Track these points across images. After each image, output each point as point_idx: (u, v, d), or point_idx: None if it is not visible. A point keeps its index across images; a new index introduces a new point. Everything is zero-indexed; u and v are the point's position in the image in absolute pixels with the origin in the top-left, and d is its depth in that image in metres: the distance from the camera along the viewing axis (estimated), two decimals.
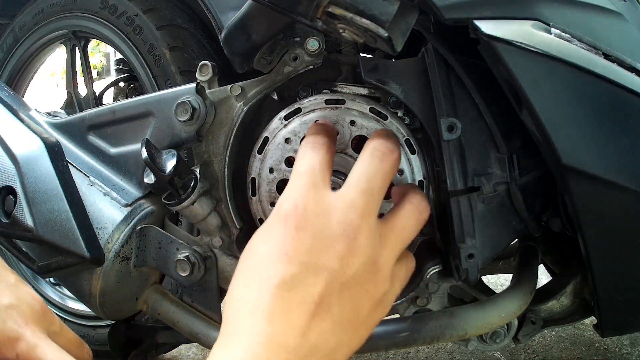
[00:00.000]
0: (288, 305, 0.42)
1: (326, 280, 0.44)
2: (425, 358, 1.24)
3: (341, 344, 0.44)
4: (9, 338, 0.53)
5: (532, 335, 0.77)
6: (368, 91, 0.70)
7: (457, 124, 0.60)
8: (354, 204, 0.47)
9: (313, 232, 0.45)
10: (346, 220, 0.46)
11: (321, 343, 0.43)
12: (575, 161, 0.54)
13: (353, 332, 0.45)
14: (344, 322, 0.44)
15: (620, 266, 0.62)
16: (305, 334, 0.42)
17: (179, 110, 0.69)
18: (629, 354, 1.24)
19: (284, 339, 0.41)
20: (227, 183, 0.72)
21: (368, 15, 0.47)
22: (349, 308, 0.45)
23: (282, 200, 0.48)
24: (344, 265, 0.45)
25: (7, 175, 0.71)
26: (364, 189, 0.48)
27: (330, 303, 0.44)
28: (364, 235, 0.46)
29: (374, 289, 0.47)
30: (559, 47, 0.53)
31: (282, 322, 0.42)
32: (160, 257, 0.75)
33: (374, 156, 0.50)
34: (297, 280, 0.43)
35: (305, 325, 0.42)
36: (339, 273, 0.44)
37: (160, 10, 1.08)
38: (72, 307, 1.26)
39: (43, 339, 0.54)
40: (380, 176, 0.50)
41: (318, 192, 0.48)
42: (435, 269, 0.71)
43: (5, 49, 1.33)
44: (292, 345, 0.41)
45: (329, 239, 0.45)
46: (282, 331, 0.42)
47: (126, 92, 1.63)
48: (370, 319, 0.47)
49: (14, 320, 0.54)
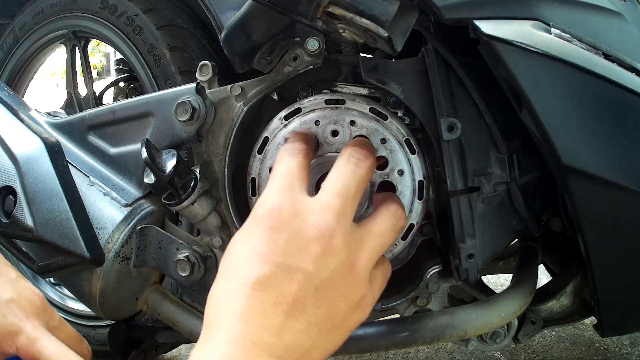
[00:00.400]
0: (262, 306, 0.43)
1: (300, 281, 0.44)
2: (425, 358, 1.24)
3: (316, 345, 0.45)
4: (10, 332, 0.54)
5: (532, 335, 0.77)
6: (368, 91, 0.70)
7: (457, 124, 0.60)
8: (329, 206, 0.47)
9: (288, 234, 0.46)
10: (321, 222, 0.46)
11: (296, 343, 0.43)
12: (575, 161, 0.54)
13: (328, 334, 0.46)
14: (319, 323, 0.45)
15: (620, 266, 0.62)
16: (279, 334, 0.43)
17: (179, 110, 0.69)
18: (629, 354, 1.24)
19: (258, 339, 0.42)
20: (227, 183, 0.72)
21: (368, 15, 0.47)
22: (324, 310, 0.45)
23: (258, 203, 0.49)
24: (319, 267, 0.45)
25: (7, 175, 0.71)
26: (340, 192, 0.49)
27: (305, 304, 0.44)
28: (339, 237, 0.46)
29: (350, 292, 0.47)
30: (559, 47, 0.53)
31: (256, 322, 0.43)
32: (160, 257, 0.75)
33: (350, 162, 0.51)
34: (271, 280, 0.44)
35: (279, 325, 0.43)
36: (314, 275, 0.45)
37: (160, 10, 1.08)
38: (72, 307, 1.26)
39: (43, 333, 0.55)
40: (356, 181, 0.50)
41: (294, 195, 0.49)
42: (435, 269, 0.71)
43: (5, 49, 1.34)
44: (267, 345, 0.42)
45: (303, 241, 0.46)
46: (256, 331, 0.42)
47: (126, 92, 1.63)
48: (346, 322, 0.47)
49: (14, 314, 0.55)
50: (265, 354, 0.41)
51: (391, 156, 0.65)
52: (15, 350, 0.54)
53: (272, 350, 0.42)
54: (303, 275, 0.44)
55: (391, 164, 0.65)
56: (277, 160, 0.54)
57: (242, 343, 0.41)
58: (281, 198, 0.48)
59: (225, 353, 0.41)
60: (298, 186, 0.50)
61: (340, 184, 0.50)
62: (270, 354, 0.42)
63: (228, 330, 0.42)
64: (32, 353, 0.54)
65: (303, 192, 0.50)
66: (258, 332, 0.42)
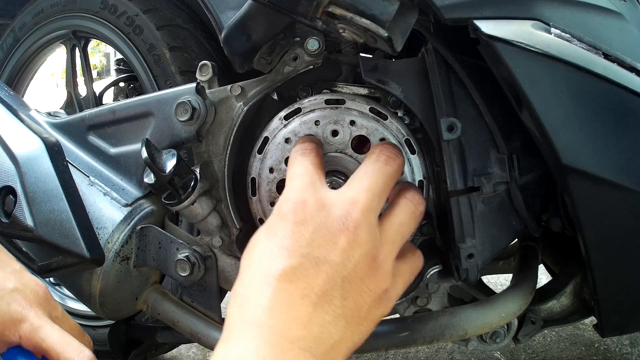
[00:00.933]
0: (290, 298, 0.43)
1: (327, 272, 0.44)
2: (425, 358, 1.24)
3: (344, 338, 0.44)
4: (13, 319, 0.54)
5: (532, 335, 0.77)
6: (368, 91, 0.70)
7: (457, 124, 0.60)
8: (355, 200, 0.48)
9: (314, 226, 0.46)
10: (347, 216, 0.47)
11: (324, 335, 0.43)
12: (575, 161, 0.54)
13: (356, 326, 0.46)
14: (346, 315, 0.45)
15: (620, 266, 0.62)
16: (308, 326, 0.42)
17: (179, 110, 0.69)
18: (629, 354, 1.24)
19: (286, 331, 0.41)
20: (227, 183, 0.72)
21: (368, 15, 0.47)
22: (350, 302, 0.45)
23: (281, 201, 0.49)
24: (345, 259, 0.45)
25: (7, 175, 0.71)
26: (367, 188, 0.49)
27: (332, 295, 0.44)
28: (364, 230, 0.47)
29: (375, 285, 0.47)
30: (559, 47, 0.53)
31: (284, 314, 0.42)
32: (160, 257, 0.75)
33: (379, 160, 0.52)
34: (299, 272, 0.44)
35: (307, 317, 0.42)
36: (340, 266, 0.45)
37: (160, 10, 1.08)
38: (72, 307, 1.26)
39: (46, 321, 0.56)
40: (384, 178, 0.51)
41: (317, 190, 0.49)
42: (435, 269, 0.71)
43: (5, 49, 1.34)
44: (296, 338, 0.41)
45: (330, 233, 0.46)
46: (284, 323, 0.42)
47: (126, 92, 1.63)
48: (371, 315, 0.47)
49: (18, 303, 0.55)
50: (295, 347, 0.41)
51: None
52: (18, 339, 0.55)
53: (302, 342, 0.41)
54: (330, 267, 0.44)
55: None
56: (290, 162, 0.54)
57: (271, 337, 0.41)
58: (304, 193, 0.48)
59: (255, 348, 0.40)
60: (319, 182, 0.50)
61: (367, 180, 0.50)
62: (300, 347, 0.41)
63: (255, 325, 0.42)
64: (35, 340, 0.54)
65: (325, 187, 0.50)
66: (286, 325, 0.42)
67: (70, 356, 0.54)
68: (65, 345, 0.54)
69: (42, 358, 0.55)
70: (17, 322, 0.54)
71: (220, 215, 0.73)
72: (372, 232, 0.47)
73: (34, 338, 0.54)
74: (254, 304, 0.43)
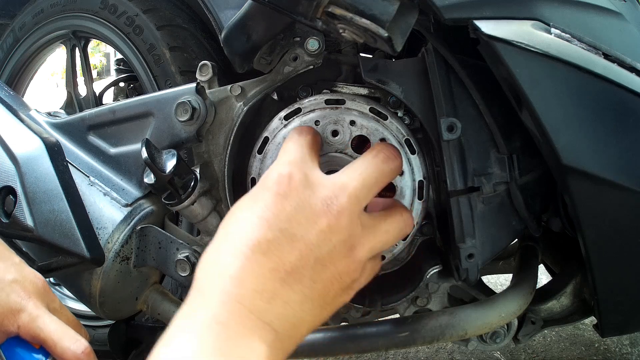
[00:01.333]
0: (259, 270, 0.42)
1: (301, 251, 0.44)
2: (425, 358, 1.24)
3: (307, 319, 0.44)
4: (12, 310, 0.55)
5: (532, 335, 0.77)
6: (368, 91, 0.70)
7: (457, 124, 0.60)
8: (344, 186, 0.47)
9: (297, 202, 0.45)
10: (332, 199, 0.46)
11: (288, 312, 0.43)
12: (575, 161, 0.54)
13: (319, 309, 0.45)
14: (313, 297, 0.44)
15: (620, 266, 0.62)
16: (271, 300, 0.42)
17: (179, 110, 0.69)
18: (629, 354, 1.24)
19: (249, 302, 0.41)
20: (227, 183, 0.72)
21: (368, 15, 0.47)
22: (320, 285, 0.45)
23: (268, 171, 0.49)
24: (322, 241, 0.45)
25: (7, 175, 0.71)
26: (358, 178, 0.48)
27: (302, 275, 0.44)
28: (346, 217, 0.46)
29: (346, 274, 0.47)
30: (559, 47, 0.53)
31: (250, 285, 0.42)
32: (160, 257, 0.75)
33: (377, 156, 0.52)
34: (273, 245, 0.43)
35: (273, 291, 0.42)
36: (316, 247, 0.45)
37: (160, 10, 1.08)
38: (72, 307, 1.26)
39: (44, 312, 0.56)
40: (378, 174, 0.50)
41: (307, 167, 0.48)
42: (435, 269, 0.71)
43: (5, 49, 1.34)
44: (257, 309, 0.41)
45: (311, 212, 0.45)
46: (249, 294, 0.41)
47: (126, 92, 1.63)
48: (335, 302, 0.47)
49: (17, 294, 0.56)
50: (255, 317, 0.41)
51: None
52: (16, 329, 0.55)
53: (263, 314, 0.41)
54: (305, 246, 0.44)
55: None
56: (286, 139, 0.53)
57: (233, 305, 0.41)
58: (292, 168, 0.47)
59: (215, 315, 0.40)
60: (310, 160, 0.50)
61: (360, 171, 0.49)
62: (260, 318, 0.41)
63: (220, 292, 0.41)
64: (33, 330, 0.55)
65: (315, 167, 0.49)
66: (251, 296, 0.41)
67: (67, 345, 0.54)
68: (62, 334, 0.55)
69: (40, 348, 0.56)
70: (16, 313, 0.55)
71: (220, 216, 0.73)
72: (354, 221, 0.47)
73: (32, 328, 0.55)
74: (223, 270, 0.43)
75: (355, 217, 0.47)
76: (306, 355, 0.72)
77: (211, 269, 0.44)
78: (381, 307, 0.73)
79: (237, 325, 0.40)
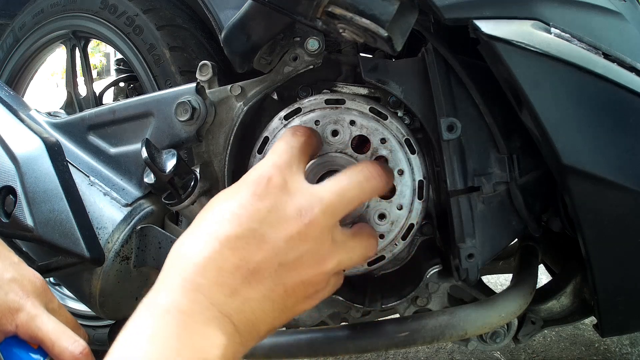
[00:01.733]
0: (224, 264, 0.43)
1: (268, 252, 0.45)
2: (425, 358, 1.24)
3: (265, 320, 0.45)
4: (10, 308, 0.55)
5: (532, 335, 0.77)
6: (368, 91, 0.70)
7: (457, 124, 0.60)
8: (321, 198, 0.48)
9: (271, 204, 0.46)
10: (307, 208, 0.47)
11: (246, 309, 0.44)
12: (575, 161, 0.54)
13: (279, 312, 0.46)
14: (273, 300, 0.45)
15: (620, 266, 0.62)
16: (232, 295, 0.43)
17: (179, 110, 0.69)
18: (629, 354, 1.24)
19: (210, 293, 0.42)
20: (227, 183, 0.72)
21: (368, 15, 0.47)
22: (281, 289, 0.46)
23: (252, 169, 0.50)
24: (289, 247, 0.46)
25: (7, 175, 0.71)
26: (337, 192, 0.49)
27: (264, 276, 0.44)
28: (318, 228, 0.47)
29: (309, 284, 0.48)
30: (559, 47, 0.53)
31: (213, 277, 0.43)
32: (160, 257, 0.75)
33: (361, 173, 0.52)
34: (241, 243, 0.44)
35: (234, 287, 0.43)
36: (282, 252, 0.45)
37: (160, 10, 1.08)
38: (72, 307, 1.26)
39: (42, 311, 0.56)
40: (358, 191, 0.51)
41: (289, 172, 0.49)
42: (435, 269, 0.71)
43: (5, 49, 1.34)
44: (218, 301, 0.42)
45: (284, 217, 0.46)
46: (211, 286, 0.42)
47: (126, 92, 1.63)
48: (296, 309, 0.48)
49: (15, 293, 0.56)
50: (215, 309, 0.42)
51: (391, 156, 0.65)
52: (14, 328, 0.55)
53: (223, 307, 0.42)
54: (272, 249, 0.45)
55: (391, 164, 0.65)
56: (279, 138, 0.54)
57: (194, 294, 0.42)
58: (274, 170, 0.48)
59: (175, 301, 0.41)
60: (295, 165, 0.50)
61: (341, 185, 0.50)
62: (220, 311, 0.42)
63: (183, 280, 0.43)
64: (32, 329, 0.55)
65: (300, 173, 0.50)
66: (213, 289, 0.42)
67: (65, 345, 0.54)
68: (60, 334, 0.55)
69: (38, 348, 0.56)
70: (14, 311, 0.55)
71: None
72: (324, 234, 0.48)
73: (30, 327, 0.55)
74: (191, 259, 0.44)
75: (326, 230, 0.48)
76: (306, 355, 0.72)
77: (181, 256, 0.45)
78: (381, 307, 0.73)
79: (196, 314, 0.41)
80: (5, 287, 0.56)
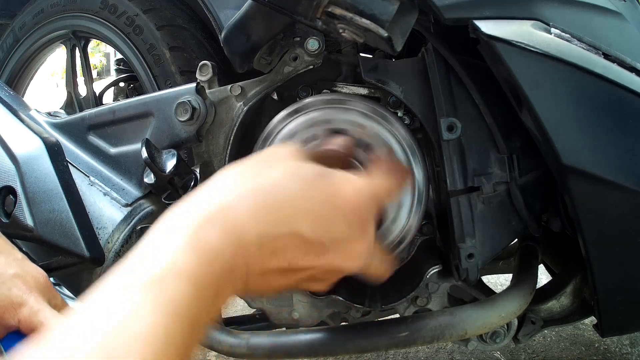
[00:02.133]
0: (205, 244, 0.37)
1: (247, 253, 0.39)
2: (425, 358, 1.24)
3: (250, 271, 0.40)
4: (13, 303, 0.55)
5: (532, 335, 0.77)
6: (368, 91, 0.70)
7: (457, 124, 0.60)
8: (360, 189, 0.44)
9: (276, 207, 0.40)
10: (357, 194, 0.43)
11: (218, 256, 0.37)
12: (575, 161, 0.54)
13: (258, 277, 0.41)
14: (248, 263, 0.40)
15: (620, 266, 0.62)
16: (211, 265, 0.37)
17: (179, 110, 0.69)
18: (629, 354, 1.24)
19: (206, 241, 0.36)
20: None
21: (368, 15, 0.47)
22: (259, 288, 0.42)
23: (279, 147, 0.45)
24: (272, 258, 0.40)
25: (7, 175, 0.71)
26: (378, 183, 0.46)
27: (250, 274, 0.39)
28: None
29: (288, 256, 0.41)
30: (559, 47, 0.53)
31: (195, 256, 0.36)
32: None
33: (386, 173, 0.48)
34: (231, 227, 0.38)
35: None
36: (262, 262, 0.40)
37: (160, 10, 1.08)
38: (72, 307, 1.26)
39: (45, 306, 0.56)
40: (392, 187, 0.48)
41: (326, 171, 0.44)
42: (435, 269, 0.71)
43: (5, 49, 1.34)
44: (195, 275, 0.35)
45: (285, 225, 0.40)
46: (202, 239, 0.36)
47: (126, 92, 1.63)
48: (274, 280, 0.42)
49: (18, 288, 0.56)
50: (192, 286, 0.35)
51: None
52: (17, 323, 0.55)
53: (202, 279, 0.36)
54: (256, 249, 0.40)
55: None
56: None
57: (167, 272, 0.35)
58: (299, 169, 0.43)
59: (152, 279, 0.34)
60: (333, 175, 0.44)
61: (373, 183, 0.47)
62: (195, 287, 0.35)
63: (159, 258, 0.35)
64: (34, 324, 0.55)
65: (338, 170, 0.45)
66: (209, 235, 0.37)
67: None
68: None
69: None
70: (17, 306, 0.55)
71: None
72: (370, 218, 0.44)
73: (33, 322, 0.55)
74: (173, 233, 0.37)
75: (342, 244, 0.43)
76: (306, 355, 0.72)
77: (166, 228, 0.38)
78: (381, 307, 0.73)
79: (202, 271, 0.36)
80: (9, 283, 0.56)
